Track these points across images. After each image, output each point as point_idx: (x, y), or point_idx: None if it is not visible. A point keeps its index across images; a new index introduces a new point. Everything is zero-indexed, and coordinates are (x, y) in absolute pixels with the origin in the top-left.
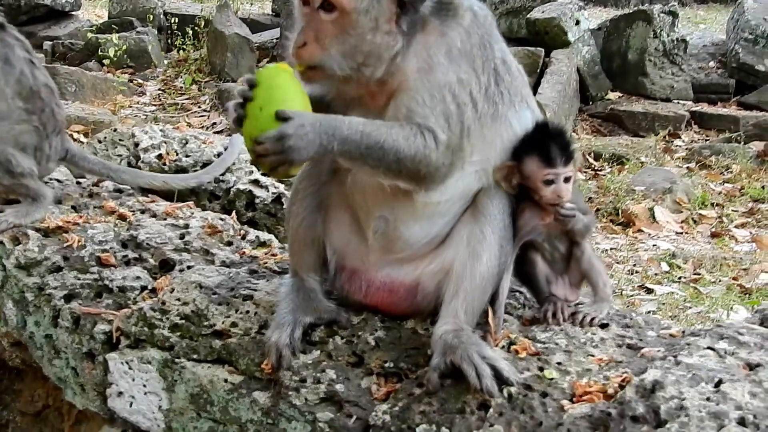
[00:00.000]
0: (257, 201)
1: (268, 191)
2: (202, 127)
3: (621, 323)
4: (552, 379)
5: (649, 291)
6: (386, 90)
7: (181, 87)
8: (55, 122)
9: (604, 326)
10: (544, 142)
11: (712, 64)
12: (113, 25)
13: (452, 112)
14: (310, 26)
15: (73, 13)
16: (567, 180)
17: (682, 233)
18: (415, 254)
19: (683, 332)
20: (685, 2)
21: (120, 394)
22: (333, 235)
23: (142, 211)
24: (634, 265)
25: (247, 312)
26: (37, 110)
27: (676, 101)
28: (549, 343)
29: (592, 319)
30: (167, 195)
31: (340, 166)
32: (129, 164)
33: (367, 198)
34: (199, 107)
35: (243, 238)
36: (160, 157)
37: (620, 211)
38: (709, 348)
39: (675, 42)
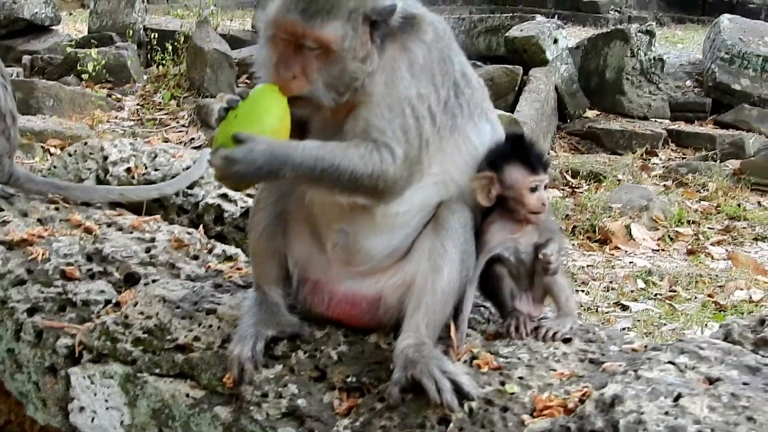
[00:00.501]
0: (226, 215)
1: (236, 205)
2: (180, 142)
3: (584, 338)
4: (513, 393)
5: (625, 308)
6: (349, 103)
7: (160, 102)
8: (10, 147)
9: (566, 341)
10: (525, 152)
11: (688, 83)
12: (93, 40)
13: (411, 126)
14: (296, 60)
15: (53, 27)
16: (546, 188)
17: (658, 250)
18: (376, 267)
19: (645, 347)
20: (662, 22)
21: (82, 409)
22: (294, 247)
23: (109, 225)
24: (611, 282)
25: (210, 326)
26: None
27: (653, 119)
28: (511, 357)
29: (555, 333)
30: (135, 209)
31: None
32: (98, 178)
33: (326, 210)
34: (178, 122)
35: (209, 252)
36: (128, 170)
37: (597, 228)
38: (669, 362)
39: (652, 61)
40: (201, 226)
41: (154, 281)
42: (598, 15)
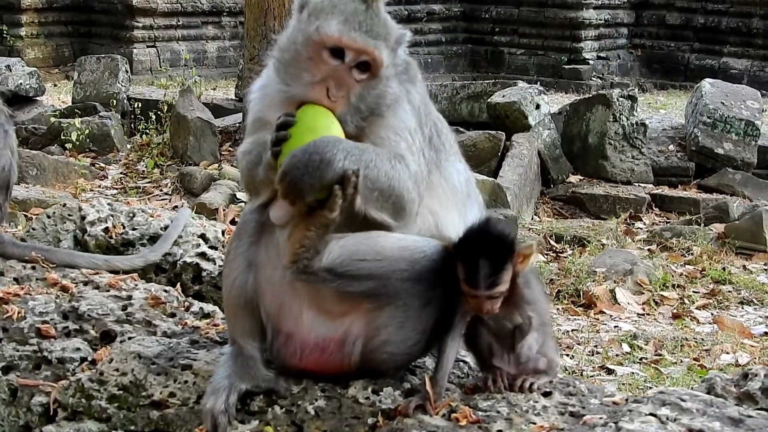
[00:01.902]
0: (204, 274)
1: (215, 264)
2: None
3: (564, 391)
4: None
5: (610, 371)
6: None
7: (144, 170)
8: (2, 214)
9: (546, 394)
10: (476, 257)
11: (671, 147)
12: (77, 110)
13: (414, 150)
14: (343, 81)
15: (37, 98)
16: (492, 298)
17: (643, 314)
18: (345, 308)
19: (626, 399)
20: (644, 88)
21: None
22: (266, 297)
23: (85, 283)
24: (596, 346)
25: (186, 382)
26: None
27: (636, 184)
28: (490, 411)
29: (532, 384)
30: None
31: (269, 223)
32: (76, 239)
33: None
34: (161, 190)
35: (187, 309)
36: (106, 230)
37: (582, 293)
38: (651, 414)
39: (634, 126)
40: (179, 285)
41: (130, 338)
42: (581, 81)
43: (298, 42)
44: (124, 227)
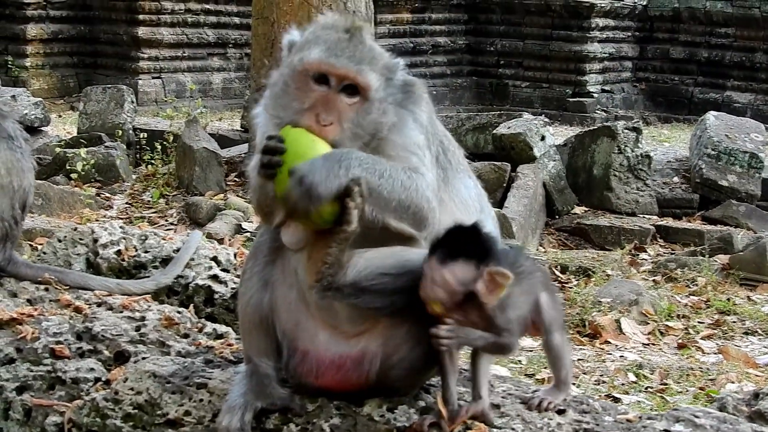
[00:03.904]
0: (216, 296)
1: (227, 286)
2: None
3: (578, 409)
4: None
5: (616, 400)
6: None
7: (149, 201)
8: (17, 232)
9: (561, 412)
10: (447, 236)
11: (676, 179)
12: (82, 140)
13: (426, 163)
14: (331, 106)
15: (43, 128)
16: (435, 285)
17: (648, 344)
18: (360, 327)
19: (640, 417)
20: (648, 121)
21: None
22: (282, 316)
23: (99, 304)
24: (601, 375)
25: (201, 400)
26: (12, 221)
27: (641, 215)
28: (505, 428)
29: (549, 403)
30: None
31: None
32: (88, 261)
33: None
34: (167, 221)
35: (200, 330)
36: (119, 253)
37: (587, 323)
38: (665, 430)
39: (639, 157)
40: (191, 307)
41: (144, 358)
42: (585, 114)
43: (286, 75)
44: (136, 250)
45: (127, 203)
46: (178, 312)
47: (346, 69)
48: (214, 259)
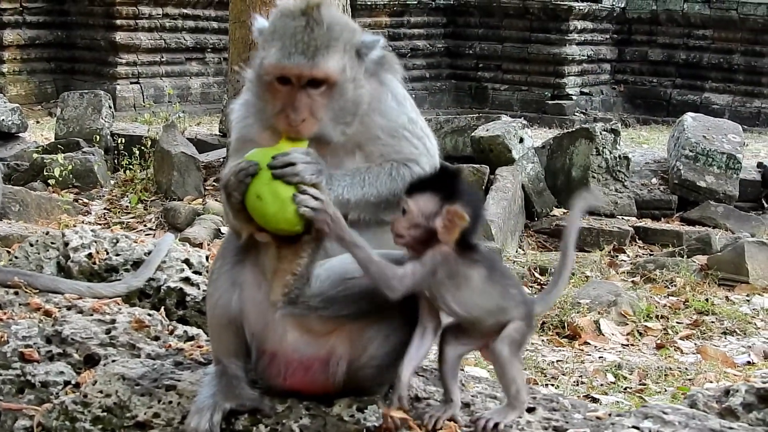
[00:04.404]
0: (188, 299)
1: (199, 289)
2: None
3: (548, 407)
4: None
5: (595, 401)
6: (347, 147)
7: (127, 206)
8: None
9: (530, 410)
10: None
11: (654, 180)
12: (59, 146)
13: (417, 144)
14: (300, 102)
15: (20, 134)
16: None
17: (627, 345)
18: (329, 327)
19: (609, 414)
20: (627, 123)
21: None
22: (250, 317)
23: (69, 308)
24: (580, 376)
25: (170, 402)
26: None
27: (619, 217)
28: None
29: (496, 424)
30: None
31: (252, 244)
32: (59, 265)
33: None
34: (145, 226)
35: (171, 333)
36: (90, 256)
37: (566, 324)
38: (633, 427)
39: (617, 159)
40: (162, 309)
41: (114, 361)
42: (564, 117)
43: (254, 78)
44: (107, 253)
45: (105, 209)
46: (149, 315)
47: (299, 68)
48: (186, 261)
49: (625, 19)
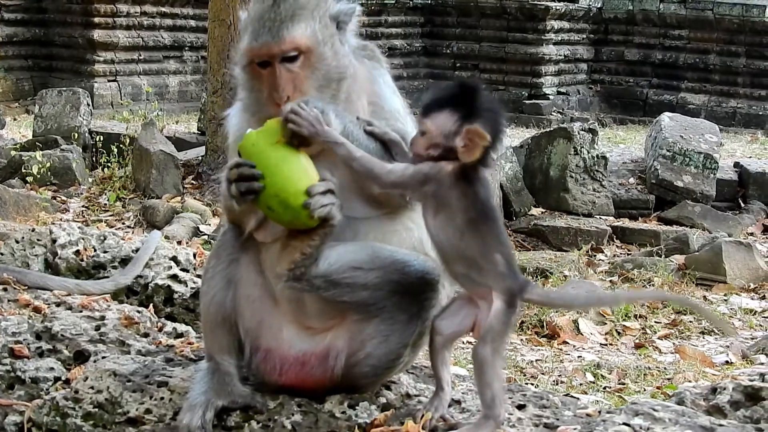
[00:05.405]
0: (176, 296)
1: (186, 286)
2: None
3: (538, 404)
4: None
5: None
6: None
7: (106, 204)
8: None
9: (521, 407)
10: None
11: (632, 180)
12: (38, 144)
13: (409, 131)
14: (283, 80)
15: None
16: (420, 131)
17: (606, 344)
18: (328, 323)
19: (599, 411)
20: (604, 123)
21: None
22: (245, 314)
23: (58, 304)
24: (560, 375)
25: (162, 398)
26: None
27: (597, 216)
28: (465, 423)
29: None
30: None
31: (248, 242)
32: (46, 262)
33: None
34: (124, 224)
35: (160, 330)
36: (77, 253)
37: (545, 323)
38: (624, 424)
39: (595, 159)
40: (151, 306)
41: (104, 357)
42: (541, 116)
43: (240, 71)
44: (95, 250)
45: (83, 206)
46: (138, 311)
47: (268, 47)
48: (174, 259)
49: (601, 19)
